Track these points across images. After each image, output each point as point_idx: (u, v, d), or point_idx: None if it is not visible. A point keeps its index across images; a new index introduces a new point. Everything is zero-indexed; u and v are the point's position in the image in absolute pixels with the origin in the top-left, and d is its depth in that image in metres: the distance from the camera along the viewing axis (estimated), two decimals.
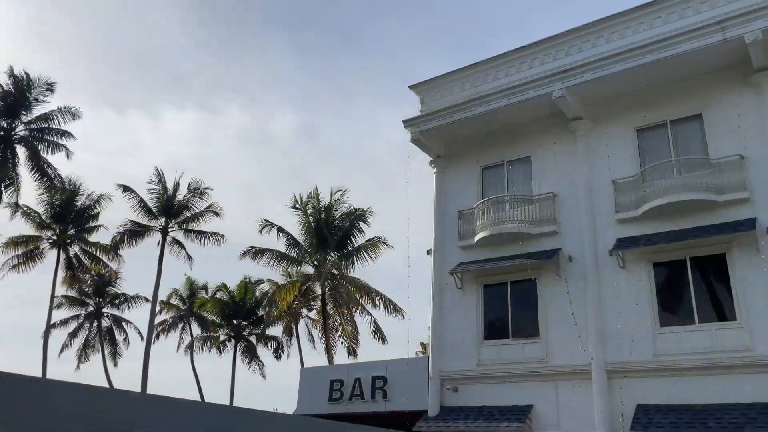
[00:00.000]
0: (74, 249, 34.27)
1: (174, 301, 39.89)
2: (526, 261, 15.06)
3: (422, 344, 25.46)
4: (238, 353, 37.95)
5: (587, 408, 13.49)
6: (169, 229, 32.19)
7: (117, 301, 38.13)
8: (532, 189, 16.34)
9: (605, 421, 13.13)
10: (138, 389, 28.49)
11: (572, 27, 16.04)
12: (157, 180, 32.27)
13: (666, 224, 13.94)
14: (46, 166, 29.46)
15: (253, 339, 38.30)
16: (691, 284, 13.46)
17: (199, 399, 34.15)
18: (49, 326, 32.79)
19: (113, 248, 32.24)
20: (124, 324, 38.37)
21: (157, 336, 38.04)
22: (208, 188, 32.56)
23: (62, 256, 33.28)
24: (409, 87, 18.80)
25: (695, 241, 13.30)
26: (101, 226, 34.27)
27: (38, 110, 29.73)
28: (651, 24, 14.89)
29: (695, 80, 14.57)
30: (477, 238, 16.28)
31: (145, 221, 31.96)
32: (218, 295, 38.63)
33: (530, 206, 16.02)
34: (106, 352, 37.06)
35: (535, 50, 16.59)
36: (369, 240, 25.56)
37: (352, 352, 27.46)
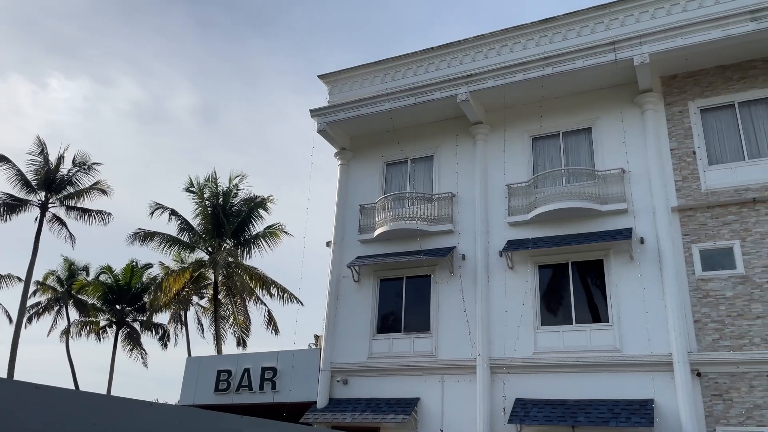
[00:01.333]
0: None
1: (51, 282, 37.06)
2: (423, 257, 15.39)
3: (316, 336, 25.33)
4: (119, 340, 35.94)
5: (470, 401, 14.02)
6: (49, 205, 29.84)
7: None
8: (432, 188, 16.73)
9: (486, 415, 13.70)
10: (3, 375, 26.20)
11: (479, 34, 16.59)
12: (38, 151, 29.76)
13: (553, 229, 14.76)
14: None
15: (137, 326, 36.42)
16: (571, 287, 14.34)
17: (72, 387, 31.98)
18: None
19: None
20: None
21: (30, 319, 35.19)
22: (96, 164, 30.48)
23: None
24: (318, 76, 18.62)
25: (577, 247, 14.19)
26: None
27: None
28: (551, 39, 15.68)
29: (587, 95, 15.54)
30: (376, 232, 16.43)
31: (22, 195, 29.42)
32: (102, 278, 36.34)
33: (429, 204, 16.38)
34: None
35: (443, 53, 16.98)
36: (268, 227, 25.05)
37: (242, 342, 26.84)
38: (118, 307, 36.07)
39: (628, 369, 12.99)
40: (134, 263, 35.89)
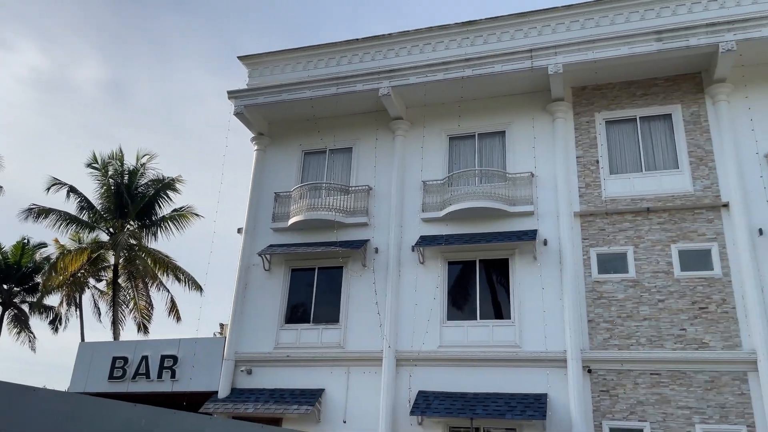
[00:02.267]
0: None
1: None
2: (337, 249, 15.32)
3: (221, 325, 24.67)
4: (5, 322, 33.35)
5: (375, 393, 14.14)
6: None
7: None
8: (349, 179, 16.69)
9: (390, 407, 13.87)
10: None
11: (403, 30, 16.70)
12: None
13: (464, 227, 15.13)
14: None
15: (25, 308, 33.93)
16: (477, 284, 14.78)
17: None
18: None
19: None
20: None
21: None
22: None
23: None
24: (238, 57, 18.06)
25: (486, 245, 14.63)
26: None
27: None
28: (473, 41, 16.04)
29: (503, 100, 16.05)
30: (291, 221, 16.19)
31: None
32: None
33: (346, 196, 16.34)
34: None
35: (367, 45, 16.96)
36: (176, 210, 24.03)
37: (143, 328, 25.66)
38: (5, 286, 33.47)
39: (525, 364, 13.56)
40: (26, 240, 33.42)
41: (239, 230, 17.04)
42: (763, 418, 11.81)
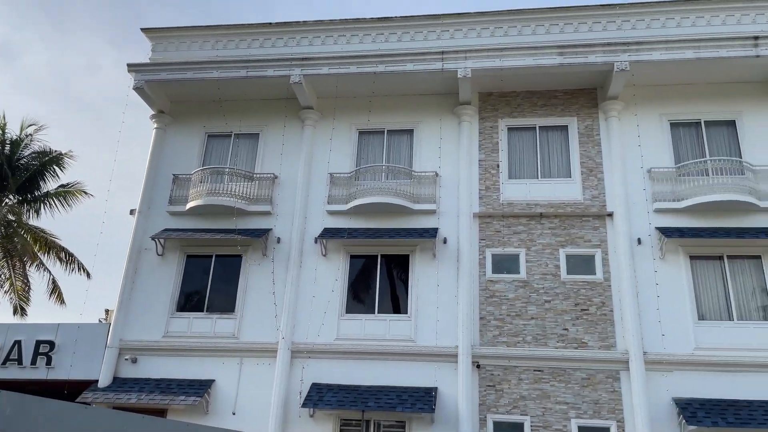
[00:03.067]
0: None
1: None
2: (236, 237, 14.90)
3: (107, 311, 23.29)
4: None
5: (268, 385, 13.90)
6: None
7: None
8: (254, 166, 16.28)
9: (282, 399, 13.69)
10: None
11: (318, 19, 16.51)
12: None
13: (368, 222, 15.20)
14: None
15: None
16: (378, 278, 14.90)
17: None
18: None
19: None
20: None
21: None
22: None
23: None
24: (142, 30, 17.10)
25: (388, 241, 14.79)
26: None
27: None
28: (387, 38, 16.14)
29: (413, 98, 16.28)
30: (189, 205, 15.56)
31: None
32: None
33: (250, 183, 15.92)
34: None
35: (281, 30, 16.60)
36: (63, 186, 22.35)
37: (20, 311, 23.71)
38: None
39: (419, 359, 13.85)
40: None
41: (132, 212, 16.14)
42: (631, 413, 12.76)
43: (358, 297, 14.95)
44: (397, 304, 14.72)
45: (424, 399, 13.03)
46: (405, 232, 14.81)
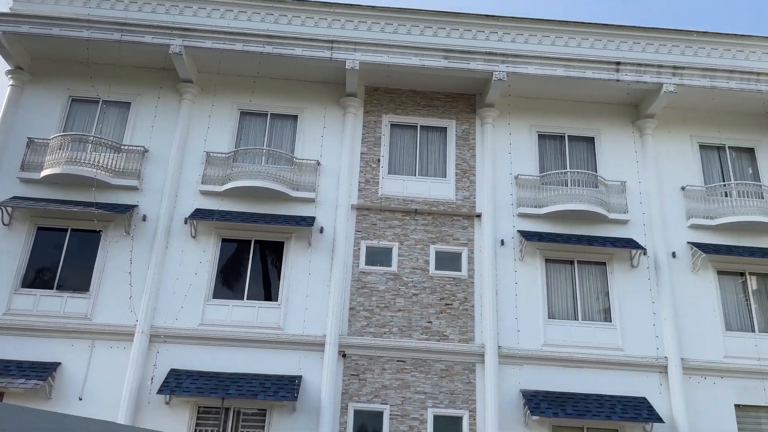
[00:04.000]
0: None
1: None
2: (95, 211, 13.86)
3: None
4: None
5: (121, 370, 13.11)
6: None
7: None
8: (123, 137, 15.25)
9: (135, 384, 12.97)
10: None
11: None
12: None
13: (243, 205, 14.80)
14: None
15: None
16: (250, 264, 14.56)
17: None
18: None
19: None
20: None
21: None
22: None
23: None
24: None
25: (263, 227, 14.50)
26: None
27: None
28: (277, 19, 15.79)
29: (299, 84, 16.09)
30: (44, 173, 14.27)
31: None
32: None
33: (117, 155, 14.89)
34: None
35: None
36: None
37: None
38: None
39: (285, 347, 13.73)
40: None
41: None
42: (483, 404, 13.52)
43: (228, 282, 14.52)
44: (268, 291, 14.48)
45: (287, 387, 12.95)
46: (282, 218, 14.59)
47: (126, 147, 14.99)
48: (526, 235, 14.70)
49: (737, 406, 13.82)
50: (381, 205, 15.20)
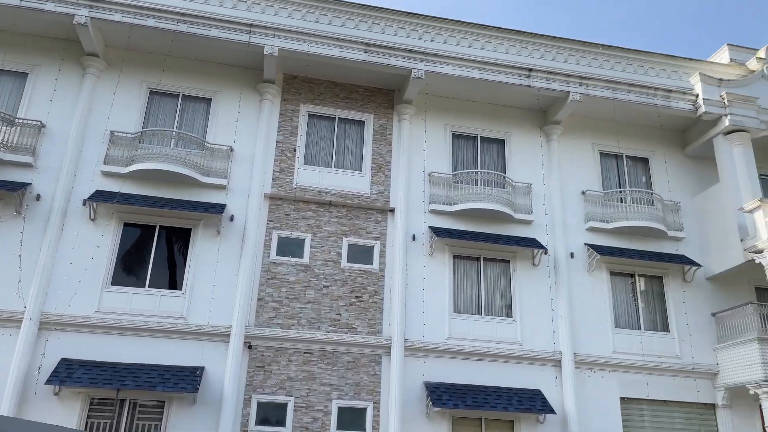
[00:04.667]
0: None
1: None
2: None
3: None
4: None
5: (5, 357, 12.22)
6: None
7: None
8: (18, 110, 14.18)
9: (22, 374, 12.13)
10: None
11: None
12: None
13: (149, 189, 14.18)
14: None
15: None
16: (154, 250, 13.98)
17: None
18: None
19: None
20: None
21: None
22: None
23: None
24: None
25: (169, 212, 13.95)
26: None
27: None
28: None
29: (214, 66, 15.62)
30: None
31: None
32: None
33: (10, 128, 13.82)
34: None
35: None
36: None
37: None
38: None
39: (189, 337, 13.31)
40: None
41: None
42: (387, 396, 13.73)
43: (129, 269, 13.87)
44: (173, 279, 13.96)
45: (188, 378, 12.56)
46: (189, 204, 14.09)
47: (21, 120, 13.94)
48: (437, 232, 15.03)
49: (622, 398, 14.83)
50: (295, 195, 15.03)
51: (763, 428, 14.68)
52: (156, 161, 14.06)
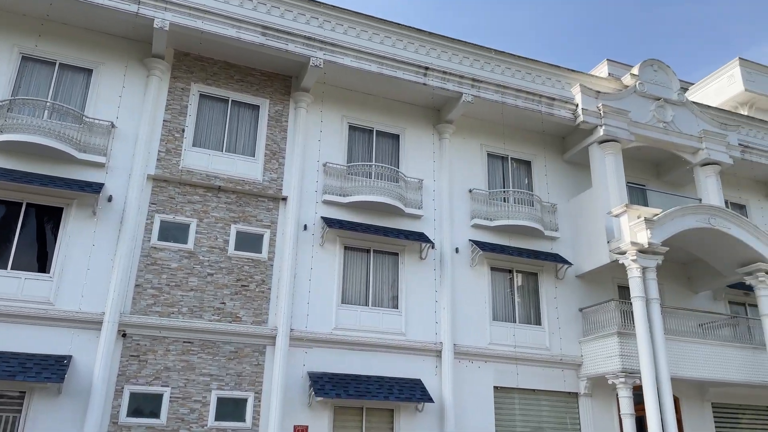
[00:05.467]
0: None
1: None
2: None
3: None
4: None
5: None
6: None
7: None
8: None
9: None
10: None
11: None
12: None
13: (16, 163, 13.04)
14: None
15: None
16: (19, 230, 12.88)
17: None
18: None
19: None
20: None
21: None
22: None
23: None
24: None
25: (38, 189, 12.90)
26: None
27: None
28: None
29: (96, 35, 14.64)
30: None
31: None
32: None
33: None
34: None
35: None
36: None
37: None
38: None
39: (56, 324, 12.43)
40: None
41: None
42: (269, 385, 13.58)
43: None
44: (42, 262, 12.94)
45: (53, 368, 11.71)
46: (62, 182, 13.10)
47: None
48: (329, 222, 15.03)
49: (496, 387, 15.66)
50: (181, 178, 14.42)
51: (619, 415, 16.07)
52: (26, 133, 12.94)
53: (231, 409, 13.24)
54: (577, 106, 17.59)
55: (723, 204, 18.09)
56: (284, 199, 15.16)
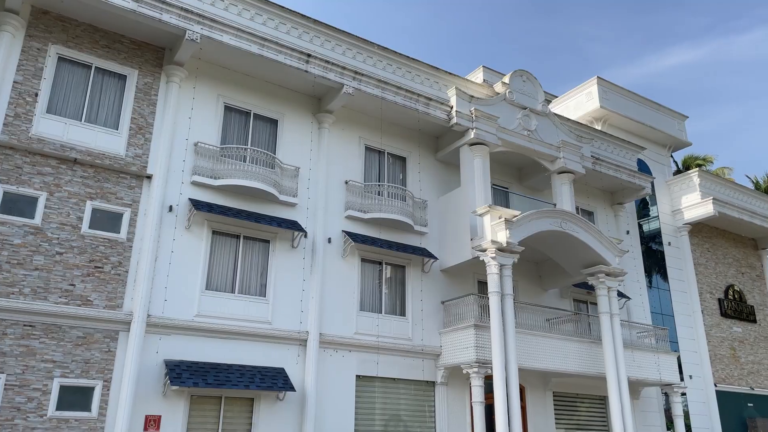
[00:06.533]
0: None
1: None
2: None
3: None
4: None
5: None
6: None
7: None
8: None
9: None
10: None
11: None
12: None
13: None
14: None
15: None
16: None
17: None
18: None
19: None
20: None
21: None
22: None
23: None
24: None
25: None
26: None
27: None
28: None
29: None
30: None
31: None
32: None
33: None
34: None
35: None
36: None
37: None
38: None
39: None
40: None
41: None
42: (120, 373, 12.81)
43: None
44: None
45: None
46: None
47: None
48: (197, 205, 14.45)
49: (358, 376, 15.97)
50: (32, 147, 13.15)
51: (471, 403, 17.05)
52: None
53: (75, 397, 12.35)
54: (452, 108, 18.30)
55: (574, 210, 19.74)
56: (149, 177, 14.35)
